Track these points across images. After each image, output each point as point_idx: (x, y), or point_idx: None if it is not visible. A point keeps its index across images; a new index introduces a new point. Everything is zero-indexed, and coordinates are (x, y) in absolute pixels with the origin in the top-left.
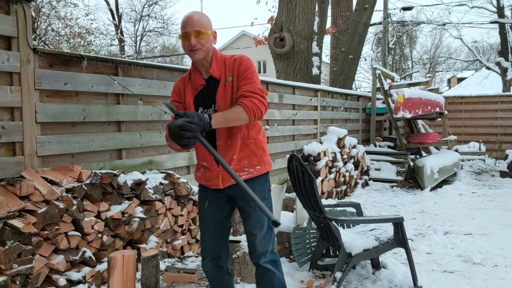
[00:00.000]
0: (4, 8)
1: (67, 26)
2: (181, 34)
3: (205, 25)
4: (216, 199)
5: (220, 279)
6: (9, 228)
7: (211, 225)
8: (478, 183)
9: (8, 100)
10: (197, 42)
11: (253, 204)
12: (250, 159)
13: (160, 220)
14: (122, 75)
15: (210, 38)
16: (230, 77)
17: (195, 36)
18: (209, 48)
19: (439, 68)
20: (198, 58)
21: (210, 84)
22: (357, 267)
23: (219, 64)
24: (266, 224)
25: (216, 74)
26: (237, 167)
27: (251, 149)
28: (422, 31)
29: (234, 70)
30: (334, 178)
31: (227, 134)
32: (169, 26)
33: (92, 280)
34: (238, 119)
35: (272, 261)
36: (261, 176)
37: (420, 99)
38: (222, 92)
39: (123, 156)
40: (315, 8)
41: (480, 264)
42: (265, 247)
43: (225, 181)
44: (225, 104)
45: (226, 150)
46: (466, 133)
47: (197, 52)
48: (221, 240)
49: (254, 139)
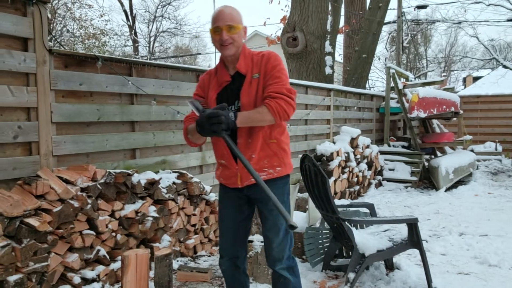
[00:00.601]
0: (21, 10)
1: (82, 27)
2: (212, 28)
3: (237, 20)
4: (236, 199)
5: (236, 279)
6: (25, 227)
7: (230, 226)
8: (495, 184)
9: (24, 100)
10: (229, 37)
11: (271, 207)
12: (271, 159)
13: (173, 219)
14: (136, 75)
15: (241, 33)
16: (256, 74)
17: (227, 31)
18: (240, 43)
19: (454, 67)
20: (229, 54)
21: (236, 80)
22: (371, 268)
23: (247, 60)
24: (283, 229)
25: (242, 70)
26: (256, 167)
27: (272, 149)
28: (437, 30)
29: (262, 67)
30: (347, 178)
31: (248, 132)
32: (182, 26)
33: (106, 279)
34: (262, 120)
35: (289, 268)
36: (281, 178)
37: (435, 99)
38: (247, 88)
39: (137, 156)
40: (328, 7)
41: (497, 266)
42: (281, 253)
43: (244, 180)
44: (248, 101)
45: (246, 149)
46: (482, 132)
47: (228, 47)
48: (239, 241)
49: (276, 139)
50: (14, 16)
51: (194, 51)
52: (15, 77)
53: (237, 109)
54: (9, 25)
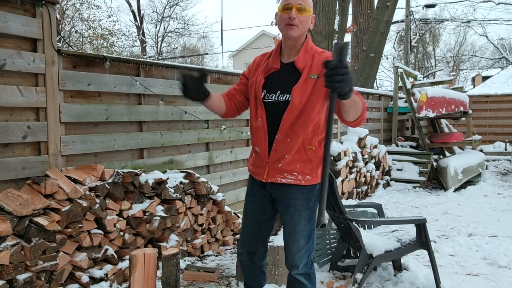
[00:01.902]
0: (30, 11)
1: (90, 27)
2: (282, 6)
3: (309, 3)
4: (261, 198)
5: (251, 273)
6: (34, 226)
7: (251, 222)
8: (504, 184)
9: (33, 100)
10: (297, 17)
11: (292, 212)
12: (304, 165)
13: (181, 219)
14: (144, 75)
15: (309, 19)
16: (315, 75)
17: (297, 10)
18: (305, 28)
19: (463, 66)
20: (293, 36)
21: (285, 71)
22: (378, 268)
23: (307, 56)
24: (303, 236)
25: (299, 64)
26: (286, 168)
27: (308, 155)
28: (445, 29)
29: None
30: (355, 178)
31: (289, 130)
32: (189, 26)
33: (114, 278)
34: (357, 111)
35: (305, 274)
36: (309, 186)
37: (444, 98)
38: (301, 86)
39: (145, 156)
40: (335, 6)
41: (506, 267)
42: (298, 260)
43: (270, 176)
44: (300, 100)
45: (281, 146)
46: (491, 132)
47: (294, 28)
48: (259, 239)
49: (315, 146)
50: (24, 17)
51: (202, 51)
52: (24, 78)
53: (278, 100)
54: (18, 26)
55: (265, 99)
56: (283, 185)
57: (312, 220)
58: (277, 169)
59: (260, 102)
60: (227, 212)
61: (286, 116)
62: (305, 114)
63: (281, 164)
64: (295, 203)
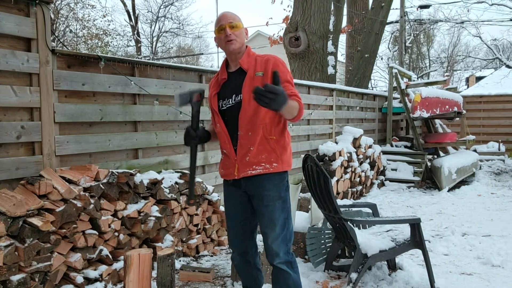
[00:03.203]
0: (24, 11)
1: (85, 27)
2: (217, 28)
3: (238, 20)
4: (238, 198)
5: (248, 273)
6: (28, 226)
7: (235, 223)
8: (498, 184)
9: (27, 100)
10: (232, 32)
11: (267, 203)
12: (269, 154)
13: (176, 219)
14: (139, 75)
15: (242, 32)
16: (260, 72)
17: (230, 27)
18: (242, 40)
19: (457, 66)
20: (234, 48)
21: (236, 76)
22: (373, 268)
23: (250, 59)
24: (279, 224)
25: (244, 65)
26: (254, 160)
27: (271, 145)
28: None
29: (267, 69)
30: (350, 178)
31: (249, 125)
32: (184, 26)
33: (108, 278)
34: (293, 113)
35: (287, 262)
36: (277, 173)
37: (438, 98)
38: (248, 83)
39: (139, 156)
40: (330, 7)
41: (500, 266)
42: (278, 248)
43: (240, 171)
44: (250, 95)
45: (245, 141)
46: (485, 132)
47: (232, 42)
48: (246, 237)
49: (275, 136)
50: (17, 16)
51: (197, 51)
52: (18, 77)
53: (234, 102)
54: (12, 25)
55: (223, 107)
56: (255, 178)
57: (285, 209)
58: (246, 163)
59: (216, 112)
60: (222, 212)
61: (241, 113)
62: (259, 108)
63: (248, 157)
64: (268, 194)
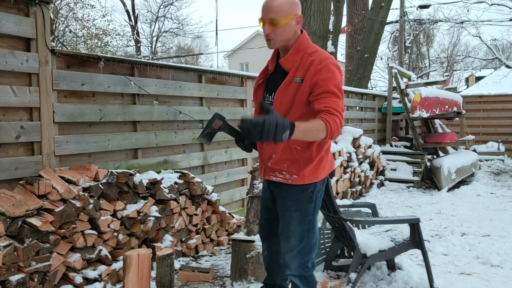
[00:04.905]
0: (23, 11)
1: (85, 27)
2: (259, 19)
3: (283, 12)
4: (267, 195)
5: (275, 262)
6: (27, 226)
7: (263, 217)
8: (497, 184)
9: (27, 100)
10: (271, 31)
11: (283, 212)
12: (291, 164)
13: (175, 219)
14: (138, 75)
15: (288, 26)
16: (299, 78)
17: (269, 25)
18: (286, 36)
19: (457, 66)
20: (273, 48)
21: (280, 71)
22: (372, 268)
23: (295, 57)
24: (294, 237)
25: (285, 66)
26: (275, 167)
27: (294, 155)
28: (439, 30)
29: (309, 75)
30: (349, 178)
31: None
32: (184, 26)
33: (108, 278)
34: (316, 137)
35: (301, 276)
36: (297, 186)
37: (437, 98)
38: (283, 90)
39: (139, 156)
40: (330, 7)
41: (499, 266)
42: (291, 260)
43: (265, 173)
44: (280, 103)
45: (268, 148)
46: (485, 132)
47: (271, 42)
48: (273, 234)
49: (301, 146)
50: (17, 16)
51: (196, 51)
52: (17, 77)
53: (269, 101)
54: (11, 25)
55: (266, 101)
56: (276, 184)
57: (305, 222)
58: (269, 168)
59: (257, 104)
60: (222, 212)
61: None
62: (287, 116)
63: (270, 163)
64: (285, 203)
